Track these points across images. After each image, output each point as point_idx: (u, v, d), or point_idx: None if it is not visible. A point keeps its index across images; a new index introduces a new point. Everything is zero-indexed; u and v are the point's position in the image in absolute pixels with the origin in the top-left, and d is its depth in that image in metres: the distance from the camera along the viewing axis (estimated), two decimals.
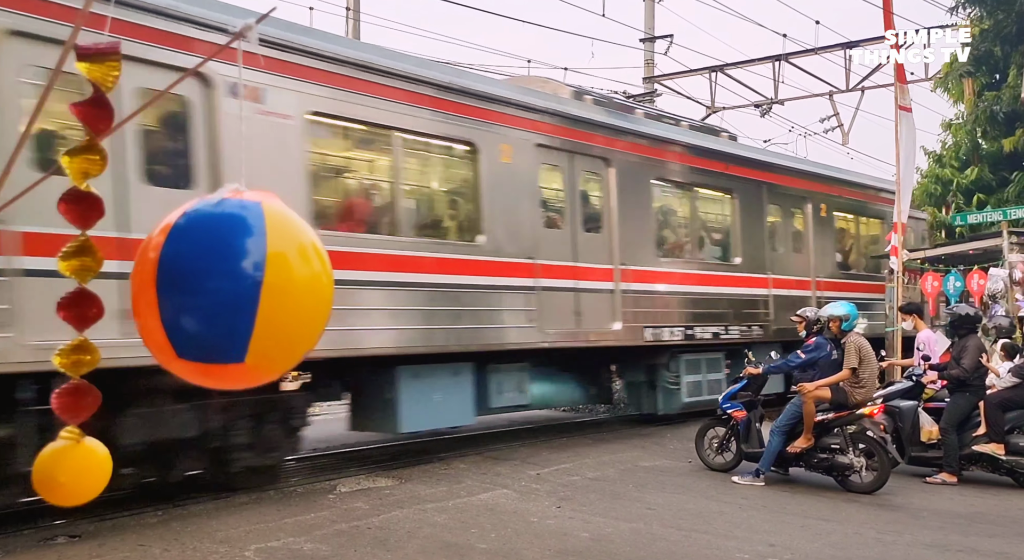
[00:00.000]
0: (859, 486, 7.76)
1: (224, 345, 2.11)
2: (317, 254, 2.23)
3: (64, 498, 2.27)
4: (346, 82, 7.68)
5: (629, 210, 10.48)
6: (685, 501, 7.30)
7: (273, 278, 2.08)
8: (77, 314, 2.17)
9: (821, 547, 5.95)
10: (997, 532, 6.49)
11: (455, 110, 8.64)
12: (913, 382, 8.73)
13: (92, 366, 2.20)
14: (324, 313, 2.27)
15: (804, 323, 8.41)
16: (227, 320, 2.08)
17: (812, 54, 18.65)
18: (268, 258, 2.08)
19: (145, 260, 2.11)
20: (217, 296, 2.06)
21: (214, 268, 2.07)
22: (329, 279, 2.26)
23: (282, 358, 2.23)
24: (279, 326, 2.12)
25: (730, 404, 8.58)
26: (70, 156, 2.07)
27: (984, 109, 15.61)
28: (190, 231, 2.11)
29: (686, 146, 11.75)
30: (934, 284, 12.75)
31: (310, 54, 7.40)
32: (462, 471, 8.25)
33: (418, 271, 8.15)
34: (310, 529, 6.04)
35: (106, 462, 2.27)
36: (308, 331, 2.23)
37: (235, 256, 2.08)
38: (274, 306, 2.08)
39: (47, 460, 2.22)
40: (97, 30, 2.49)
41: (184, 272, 2.08)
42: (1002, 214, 13.13)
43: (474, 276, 8.68)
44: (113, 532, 5.94)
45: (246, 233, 2.10)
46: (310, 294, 2.20)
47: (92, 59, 2.00)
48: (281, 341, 2.17)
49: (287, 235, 2.17)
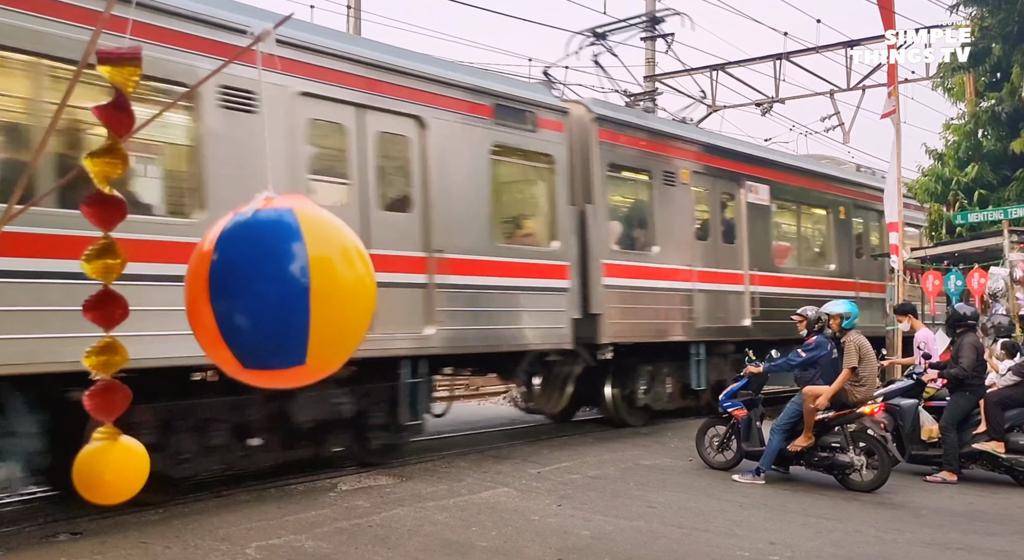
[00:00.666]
0: (859, 484, 7.77)
1: (283, 349, 2.20)
2: (360, 257, 2.31)
3: (109, 496, 2.33)
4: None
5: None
6: (686, 499, 7.31)
7: (319, 281, 2.16)
8: (103, 315, 2.22)
9: (821, 545, 5.96)
10: (997, 530, 6.50)
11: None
12: (914, 381, 8.74)
13: (120, 366, 2.25)
14: (370, 313, 2.35)
15: (805, 322, 8.41)
16: (281, 323, 2.15)
17: (813, 53, 18.63)
18: (312, 261, 2.16)
19: (198, 270, 2.19)
20: (265, 299, 2.13)
21: (260, 271, 2.15)
22: (372, 280, 2.34)
23: (337, 357, 2.32)
24: (333, 326, 2.21)
25: (731, 403, 8.59)
26: (92, 158, 2.12)
27: (986, 109, 15.59)
28: (233, 240, 2.19)
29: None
30: (935, 283, 12.75)
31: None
32: (463, 469, 8.26)
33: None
34: (311, 527, 6.05)
35: (144, 459, 2.35)
36: (358, 330, 2.32)
37: (278, 259, 2.16)
38: (325, 308, 2.16)
39: (89, 460, 2.27)
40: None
41: (234, 278, 2.15)
42: (1003, 213, 13.11)
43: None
44: (115, 529, 5.96)
45: (285, 237, 2.18)
46: (357, 295, 2.28)
47: (114, 63, 2.05)
48: (336, 341, 2.26)
49: (328, 238, 2.25)
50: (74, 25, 5.84)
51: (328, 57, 7.57)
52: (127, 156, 2.17)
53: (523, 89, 9.90)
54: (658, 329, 10.97)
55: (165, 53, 6.35)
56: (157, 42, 6.29)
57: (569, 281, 9.65)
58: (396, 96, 8.11)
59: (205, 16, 6.68)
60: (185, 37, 6.57)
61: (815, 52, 18.59)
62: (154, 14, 6.33)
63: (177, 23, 6.53)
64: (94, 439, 2.28)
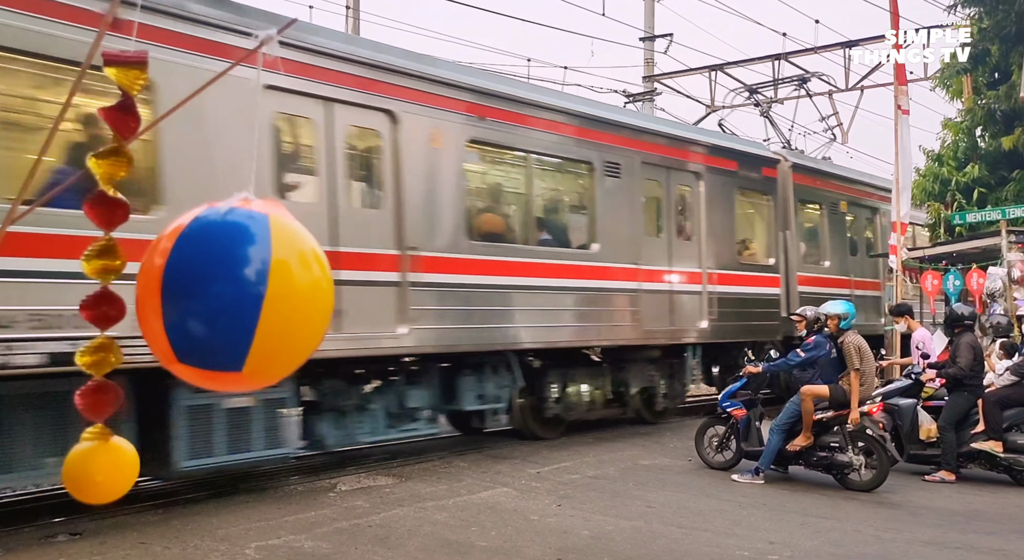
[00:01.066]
0: (858, 484, 7.78)
1: (223, 353, 2.14)
2: (317, 260, 2.24)
3: (99, 496, 2.33)
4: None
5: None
6: (685, 499, 7.32)
7: (276, 288, 2.11)
8: (99, 314, 2.22)
9: (820, 544, 5.97)
10: (995, 529, 6.51)
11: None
12: (912, 380, 8.76)
13: (115, 366, 2.24)
14: (324, 319, 2.29)
15: (804, 322, 8.42)
16: (228, 328, 2.11)
17: (811, 53, 18.66)
18: (272, 268, 2.11)
19: (151, 265, 2.15)
20: (219, 301, 2.09)
21: (217, 273, 2.10)
22: (329, 284, 2.28)
23: (280, 366, 2.26)
24: (279, 336, 2.15)
25: (730, 403, 8.60)
26: (97, 159, 2.12)
27: (984, 107, 15.63)
28: (197, 238, 2.14)
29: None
30: (934, 283, 12.77)
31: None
32: (462, 469, 8.27)
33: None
34: (311, 527, 6.06)
35: (134, 459, 2.33)
36: (309, 338, 2.26)
37: (238, 264, 2.11)
38: (275, 316, 2.11)
39: (79, 460, 2.27)
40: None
41: (188, 276, 2.11)
42: (1001, 213, 13.15)
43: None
44: (114, 530, 5.96)
45: (250, 242, 2.13)
46: (311, 301, 2.22)
47: (120, 65, 2.06)
48: (280, 350, 2.20)
49: (290, 244, 2.19)
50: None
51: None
52: (132, 158, 2.18)
53: (754, 147, 13.30)
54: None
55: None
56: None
57: (779, 289, 12.74)
58: (683, 166, 11.20)
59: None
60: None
61: (813, 52, 18.62)
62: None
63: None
64: (84, 439, 2.28)
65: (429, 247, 8.09)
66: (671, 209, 11.15)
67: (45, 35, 5.69)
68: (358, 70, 7.66)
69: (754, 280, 12.30)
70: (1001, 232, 12.31)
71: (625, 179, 10.30)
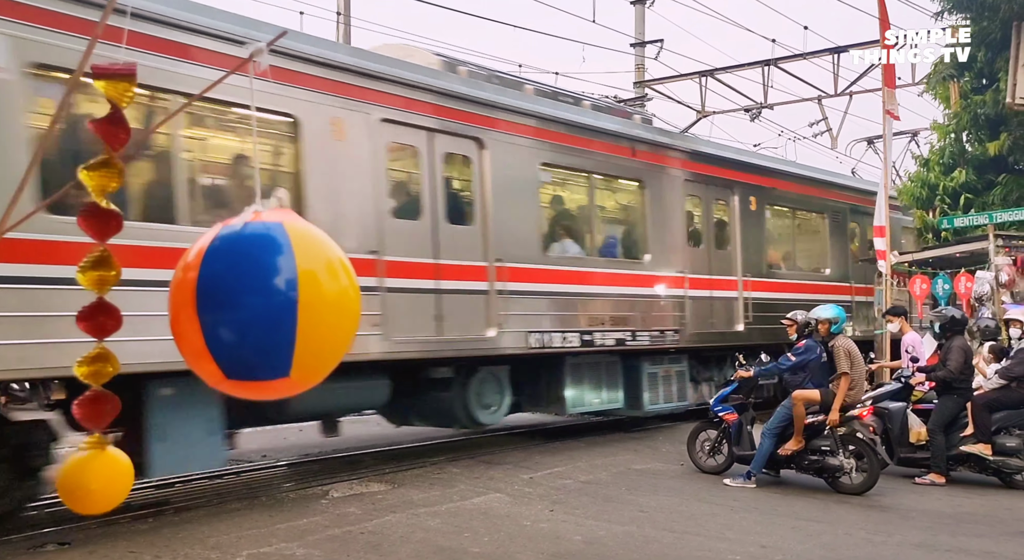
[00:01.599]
0: (849, 487, 7.81)
1: (269, 362, 2.21)
2: (344, 269, 2.32)
3: (95, 506, 2.33)
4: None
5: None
6: (677, 504, 7.33)
7: (307, 294, 2.17)
8: (95, 325, 2.23)
9: (812, 548, 5.99)
10: (984, 532, 6.54)
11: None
12: (902, 384, 8.80)
13: (111, 375, 2.25)
14: (354, 325, 2.37)
15: (795, 326, 8.46)
16: (267, 336, 2.17)
17: (801, 59, 18.75)
18: (300, 275, 2.17)
19: (184, 281, 2.18)
20: (253, 311, 2.14)
21: (248, 285, 2.16)
22: (356, 293, 2.35)
23: (321, 369, 2.33)
24: (318, 339, 2.22)
25: (721, 407, 8.63)
26: (88, 171, 2.13)
27: (969, 111, 15.74)
28: (223, 253, 2.19)
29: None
30: (922, 287, 12.84)
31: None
32: (455, 475, 8.26)
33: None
34: (303, 534, 6.04)
35: (129, 469, 2.34)
36: (343, 342, 2.33)
37: (266, 273, 2.17)
38: (311, 321, 2.18)
39: (75, 470, 2.27)
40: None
41: (221, 290, 2.16)
42: (988, 217, 13.24)
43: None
44: (103, 539, 5.92)
45: (274, 251, 2.19)
46: (342, 308, 2.29)
47: (108, 78, 2.07)
48: (321, 353, 2.27)
49: (315, 252, 2.26)
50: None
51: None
52: (123, 169, 2.19)
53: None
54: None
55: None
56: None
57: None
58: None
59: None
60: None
61: (803, 58, 18.73)
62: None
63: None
64: (79, 449, 2.28)
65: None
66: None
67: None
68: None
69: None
70: (989, 236, 12.39)
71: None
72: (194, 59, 6.54)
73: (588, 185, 10.58)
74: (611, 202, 11.43)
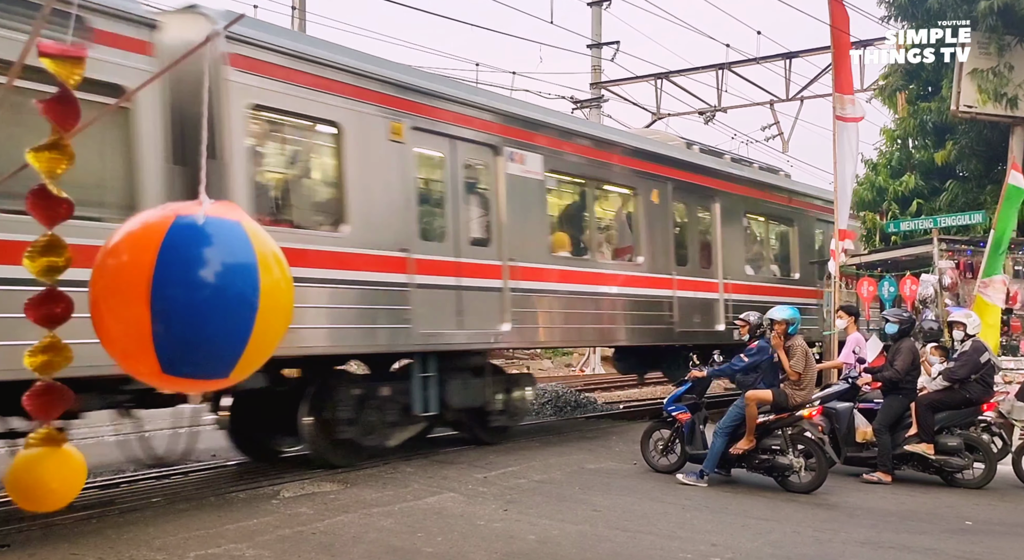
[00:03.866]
0: (798, 486, 7.95)
1: (218, 359, 2.15)
2: (278, 262, 2.25)
3: (51, 503, 2.26)
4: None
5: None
6: (630, 503, 7.38)
7: (263, 290, 2.13)
8: (45, 314, 2.15)
9: (761, 546, 6.08)
10: (927, 529, 6.72)
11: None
12: (849, 384, 8.99)
13: (63, 366, 2.17)
14: (287, 322, 2.31)
15: (747, 327, 8.57)
16: (225, 332, 2.11)
17: (754, 63, 19.10)
18: (260, 271, 2.13)
19: (127, 266, 2.08)
20: (217, 305, 2.08)
21: (217, 277, 2.09)
22: (289, 286, 2.28)
23: (251, 368, 2.27)
24: (262, 339, 2.17)
25: (675, 407, 8.71)
26: (36, 153, 2.05)
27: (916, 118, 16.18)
28: (190, 241, 2.10)
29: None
30: (869, 289, 13.16)
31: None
32: (409, 475, 8.20)
33: None
34: (252, 535, 5.93)
35: (83, 465, 2.28)
36: (276, 338, 2.28)
37: (235, 267, 2.12)
38: (263, 318, 2.14)
39: (29, 466, 2.18)
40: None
41: (186, 280, 2.07)
42: (933, 222, 13.62)
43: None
44: (44, 541, 5.74)
45: (242, 244, 2.14)
46: (283, 305, 2.24)
47: (54, 58, 2.00)
48: (259, 352, 2.22)
49: (264, 246, 2.21)
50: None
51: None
52: (72, 152, 2.11)
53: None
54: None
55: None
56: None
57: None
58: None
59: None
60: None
61: (756, 63, 19.05)
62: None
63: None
64: (29, 445, 2.20)
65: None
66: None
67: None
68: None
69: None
70: (933, 240, 12.75)
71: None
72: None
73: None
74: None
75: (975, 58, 13.28)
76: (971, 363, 8.36)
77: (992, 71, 13.22)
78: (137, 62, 6.27)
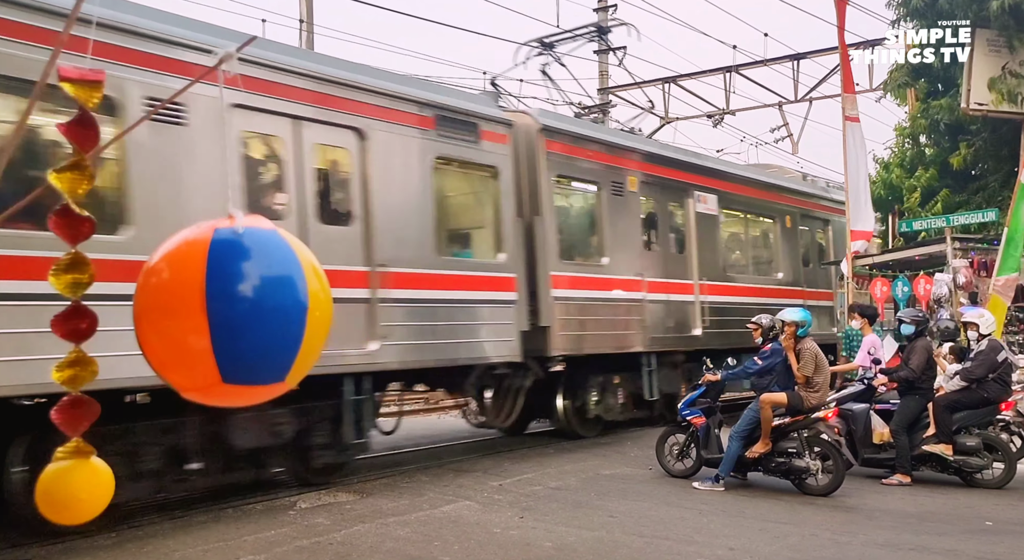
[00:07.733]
0: (815, 489, 7.91)
1: (276, 364, 2.24)
2: (317, 274, 2.35)
3: (80, 516, 2.30)
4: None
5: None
6: (646, 508, 7.36)
7: (311, 296, 2.24)
8: (71, 329, 2.19)
9: (779, 549, 6.05)
10: (947, 530, 6.67)
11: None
12: (865, 385, 8.94)
13: (89, 380, 2.22)
14: (329, 322, 2.40)
15: (760, 330, 8.55)
16: (282, 337, 2.20)
17: (762, 65, 19.06)
18: (307, 282, 2.23)
19: (176, 283, 2.15)
20: (274, 311, 2.18)
21: (269, 285, 2.19)
22: (328, 296, 2.37)
23: (303, 372, 2.34)
24: (314, 342, 2.28)
25: (689, 411, 8.69)
26: (59, 174, 2.11)
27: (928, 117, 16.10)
28: (237, 252, 2.18)
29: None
30: (883, 289, 13.08)
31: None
32: (424, 484, 8.22)
33: None
34: (270, 546, 5.96)
35: (111, 477, 2.32)
36: (322, 345, 2.37)
37: (286, 274, 2.22)
38: (313, 323, 2.24)
39: (59, 479, 2.23)
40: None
41: (242, 290, 2.15)
42: (946, 221, 13.54)
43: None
44: (64, 556, 5.79)
45: (286, 253, 2.24)
46: (327, 311, 2.33)
47: (75, 82, 2.07)
48: (310, 356, 2.31)
49: (305, 256, 2.31)
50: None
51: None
52: (93, 172, 2.16)
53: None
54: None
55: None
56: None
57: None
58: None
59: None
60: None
61: (763, 65, 19.02)
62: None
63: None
64: (58, 458, 2.24)
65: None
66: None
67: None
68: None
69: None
70: (946, 239, 12.67)
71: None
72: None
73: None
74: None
75: (986, 56, 13.20)
76: (988, 362, 8.30)
77: (1008, 72, 13.11)
78: (503, 150, 9.70)
